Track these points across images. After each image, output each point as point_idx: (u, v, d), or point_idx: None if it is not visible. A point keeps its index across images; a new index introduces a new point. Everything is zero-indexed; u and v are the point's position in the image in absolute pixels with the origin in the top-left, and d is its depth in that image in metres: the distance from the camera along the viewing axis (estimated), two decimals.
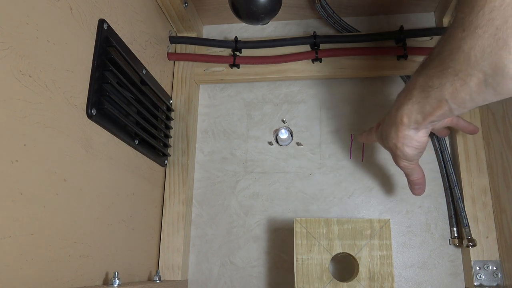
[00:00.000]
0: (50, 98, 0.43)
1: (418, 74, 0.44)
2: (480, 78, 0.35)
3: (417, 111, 0.45)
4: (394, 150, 0.53)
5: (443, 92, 0.39)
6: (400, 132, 0.49)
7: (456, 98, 0.38)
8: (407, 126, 0.48)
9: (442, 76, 0.39)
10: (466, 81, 0.36)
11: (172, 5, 0.74)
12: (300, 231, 0.60)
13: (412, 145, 0.51)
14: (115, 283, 0.51)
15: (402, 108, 0.46)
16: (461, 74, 0.36)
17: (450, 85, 0.38)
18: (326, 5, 0.79)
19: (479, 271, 0.66)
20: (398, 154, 0.54)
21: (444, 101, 0.40)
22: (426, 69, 0.42)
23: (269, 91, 0.83)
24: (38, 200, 0.41)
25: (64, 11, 0.46)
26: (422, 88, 0.43)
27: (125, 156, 0.61)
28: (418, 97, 0.44)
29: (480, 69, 0.34)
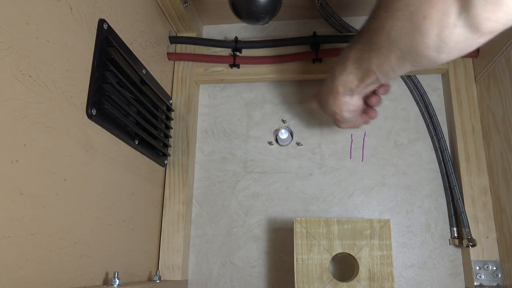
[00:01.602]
0: (50, 98, 0.43)
1: (351, 48, 0.49)
2: (398, 54, 0.40)
3: (351, 80, 0.51)
4: (334, 115, 0.59)
5: (371, 64, 0.46)
6: (338, 100, 0.55)
7: (381, 69, 0.45)
8: (343, 94, 0.54)
9: (369, 51, 0.45)
10: (388, 56, 0.42)
11: (172, 5, 0.74)
12: (300, 231, 0.60)
13: (349, 109, 0.57)
14: (115, 283, 0.51)
15: (339, 79, 0.52)
16: (383, 49, 0.42)
17: (375, 59, 0.44)
18: (326, 5, 0.79)
19: (479, 271, 0.66)
20: (338, 119, 0.60)
21: (372, 71, 0.46)
22: (357, 43, 0.48)
23: (269, 91, 0.83)
24: (38, 200, 0.41)
25: (64, 11, 0.46)
26: (355, 60, 0.49)
27: (125, 156, 0.61)
28: (351, 68, 0.50)
29: (398, 47, 0.39)
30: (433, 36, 0.35)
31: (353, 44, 0.49)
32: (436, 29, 0.34)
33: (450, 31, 0.34)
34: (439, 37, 0.35)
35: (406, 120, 0.78)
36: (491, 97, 0.68)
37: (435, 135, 0.75)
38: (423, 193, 0.74)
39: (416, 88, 0.78)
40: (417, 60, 0.39)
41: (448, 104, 0.76)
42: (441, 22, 0.34)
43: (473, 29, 0.33)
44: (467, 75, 0.75)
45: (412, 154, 0.76)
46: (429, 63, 0.39)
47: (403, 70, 0.43)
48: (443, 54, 0.36)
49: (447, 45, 0.35)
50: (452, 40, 0.34)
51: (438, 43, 0.35)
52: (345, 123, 0.61)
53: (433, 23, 0.34)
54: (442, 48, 0.35)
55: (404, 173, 0.75)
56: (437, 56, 0.37)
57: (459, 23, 0.33)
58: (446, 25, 0.34)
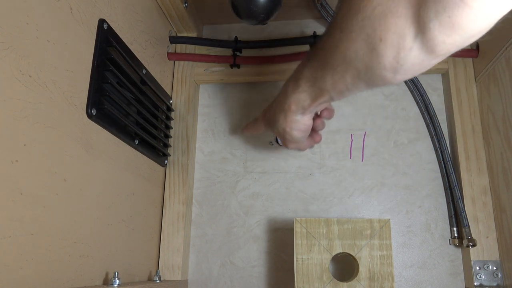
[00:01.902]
0: (50, 98, 0.43)
1: (304, 66, 0.49)
2: (354, 73, 0.40)
3: (303, 98, 0.50)
4: (283, 134, 0.58)
5: (325, 83, 0.45)
6: (289, 117, 0.54)
7: (335, 88, 0.44)
8: (294, 112, 0.53)
9: (323, 69, 0.44)
10: (343, 75, 0.41)
11: (172, 5, 0.74)
12: (300, 231, 0.60)
13: (299, 128, 0.55)
14: (115, 283, 0.51)
15: (291, 97, 0.51)
16: (338, 68, 0.41)
17: (330, 77, 0.43)
18: (326, 5, 0.79)
19: (479, 271, 0.66)
20: (287, 138, 0.58)
21: (326, 90, 0.46)
22: (311, 62, 0.47)
23: (269, 91, 0.83)
24: (38, 200, 0.41)
25: (64, 11, 0.46)
26: (308, 79, 0.48)
27: (125, 156, 0.61)
28: (304, 87, 0.49)
29: (354, 67, 0.39)
30: (389, 58, 0.35)
31: (307, 62, 0.48)
32: (393, 51, 0.34)
33: (406, 53, 0.34)
34: (396, 59, 0.35)
35: (406, 120, 0.78)
36: (491, 97, 0.68)
37: (435, 135, 0.75)
38: (423, 193, 0.74)
39: (416, 88, 0.78)
40: (373, 80, 0.39)
41: (448, 104, 0.76)
42: (397, 44, 0.34)
43: (429, 51, 0.33)
44: (467, 75, 0.75)
45: (412, 154, 0.76)
46: (384, 83, 0.39)
47: (358, 89, 0.43)
48: (399, 75, 0.36)
49: (403, 67, 0.35)
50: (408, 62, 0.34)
51: (394, 64, 0.35)
52: (293, 143, 0.60)
53: (389, 45, 0.34)
54: (398, 70, 0.36)
55: (404, 173, 0.75)
56: (393, 77, 0.37)
57: (415, 45, 0.33)
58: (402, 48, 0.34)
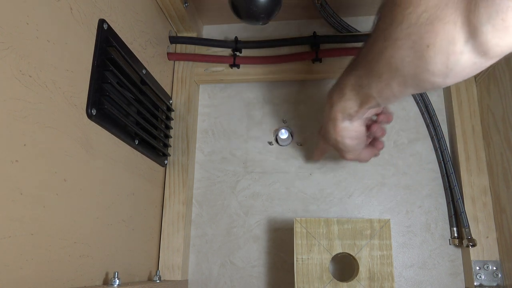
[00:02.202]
0: (50, 98, 0.43)
1: (348, 74, 0.49)
2: (401, 80, 0.40)
3: (349, 106, 0.50)
4: (336, 144, 0.57)
5: (371, 90, 0.45)
6: (337, 127, 0.54)
7: (382, 95, 0.44)
8: (341, 120, 0.53)
9: (369, 77, 0.44)
10: (389, 82, 0.41)
11: (172, 5, 0.74)
12: (300, 231, 0.60)
13: (351, 135, 0.55)
14: (115, 283, 0.51)
15: (336, 105, 0.52)
16: (384, 76, 0.41)
17: (375, 85, 0.43)
18: (326, 5, 0.79)
19: (479, 271, 0.66)
20: (340, 148, 0.58)
21: (372, 97, 0.46)
22: (355, 70, 0.47)
23: (269, 91, 0.83)
24: (38, 200, 0.41)
25: (64, 11, 0.46)
26: (353, 87, 0.48)
27: (125, 156, 0.61)
28: (349, 95, 0.49)
29: (400, 74, 0.39)
30: (438, 64, 0.34)
31: (350, 70, 0.48)
32: (442, 57, 0.34)
33: (457, 58, 0.33)
34: (445, 65, 0.34)
35: (406, 120, 0.78)
36: (491, 97, 0.68)
37: (435, 135, 0.75)
38: (423, 193, 0.74)
39: None
40: (421, 86, 0.39)
41: (448, 104, 0.76)
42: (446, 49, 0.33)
43: (482, 55, 0.32)
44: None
45: (412, 154, 0.76)
46: (433, 88, 0.38)
47: (405, 94, 0.42)
48: (449, 79, 0.36)
49: (453, 71, 0.34)
50: (459, 66, 0.34)
51: (443, 70, 0.35)
52: (349, 152, 0.58)
53: (437, 51, 0.34)
54: (448, 74, 0.35)
55: (404, 173, 0.75)
56: (442, 81, 0.36)
57: (466, 49, 0.32)
58: (452, 53, 0.33)
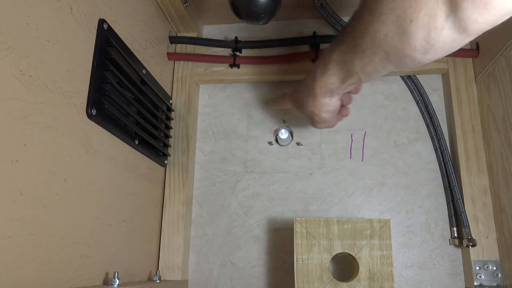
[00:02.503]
0: (50, 98, 0.43)
1: (333, 49, 0.50)
2: (383, 55, 0.41)
3: (332, 81, 0.51)
4: (311, 116, 0.60)
5: (354, 66, 0.46)
6: (317, 101, 0.56)
7: (364, 71, 0.45)
8: (323, 95, 0.55)
9: (353, 52, 0.45)
10: (372, 57, 0.42)
11: (172, 5, 0.74)
12: (300, 231, 0.60)
13: (328, 109, 0.57)
14: (115, 283, 0.51)
15: (319, 80, 0.53)
16: (367, 52, 0.42)
17: (359, 61, 0.45)
18: (326, 5, 0.79)
19: (479, 271, 0.66)
20: (315, 119, 0.60)
21: (354, 73, 0.47)
22: (340, 45, 0.48)
23: (269, 91, 0.83)
24: (38, 200, 0.41)
25: (64, 11, 0.46)
26: (337, 62, 0.49)
27: (125, 156, 0.61)
28: (333, 70, 0.50)
29: (383, 49, 0.40)
30: (419, 39, 0.35)
31: (335, 46, 0.49)
32: (423, 32, 0.35)
33: (438, 34, 0.34)
34: (426, 40, 0.35)
35: (406, 120, 0.78)
36: (491, 97, 0.68)
37: (435, 135, 0.75)
38: (423, 193, 0.74)
39: (416, 88, 0.78)
40: (402, 61, 0.40)
41: (448, 104, 0.76)
42: (428, 25, 0.34)
43: (461, 31, 0.33)
44: (467, 75, 0.75)
45: (412, 154, 0.76)
46: (414, 64, 0.39)
47: (386, 70, 0.44)
48: (429, 55, 0.37)
49: (434, 47, 0.36)
50: (439, 41, 0.35)
51: (425, 45, 0.36)
52: (322, 123, 0.62)
53: (420, 26, 0.35)
54: (428, 50, 0.36)
55: (404, 173, 0.75)
56: (423, 57, 0.37)
57: (447, 25, 0.34)
58: (433, 28, 0.34)
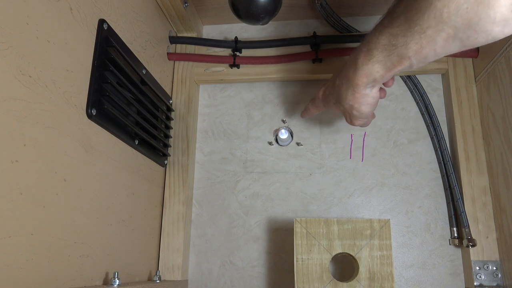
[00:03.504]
0: (50, 98, 0.43)
1: (379, 33, 0.44)
2: (450, 33, 0.36)
3: (377, 69, 0.46)
4: (350, 111, 0.55)
5: (407, 49, 0.41)
6: (358, 93, 0.51)
7: (420, 54, 0.40)
8: (364, 86, 0.49)
9: (407, 34, 0.40)
10: (434, 37, 0.38)
11: (172, 5, 0.74)
12: (300, 231, 0.60)
13: (369, 102, 0.52)
14: (115, 283, 0.51)
15: (362, 69, 0.48)
16: (429, 31, 0.38)
17: (415, 43, 0.40)
18: (326, 5, 0.79)
19: (479, 271, 0.66)
20: (354, 114, 0.55)
21: (407, 58, 0.42)
22: (388, 28, 0.43)
23: (269, 91, 0.83)
24: (38, 200, 0.41)
25: (64, 11, 0.46)
26: (385, 48, 0.44)
27: (125, 156, 0.61)
28: (379, 56, 0.45)
29: (452, 25, 0.35)
30: (503, 7, 0.32)
31: (382, 29, 0.44)
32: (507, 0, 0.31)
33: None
34: (510, 8, 0.31)
35: (406, 120, 0.78)
36: (491, 97, 0.68)
37: (435, 135, 0.75)
38: (423, 193, 0.74)
39: (416, 88, 0.78)
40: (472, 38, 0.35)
41: (448, 104, 0.76)
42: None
43: None
44: (467, 75, 0.75)
45: (412, 154, 0.76)
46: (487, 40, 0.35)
47: (447, 52, 0.39)
48: (508, 28, 0.33)
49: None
50: None
51: (507, 15, 0.32)
52: (361, 119, 0.57)
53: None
54: (509, 21, 0.32)
55: (404, 173, 0.75)
56: (500, 31, 0.33)
57: None
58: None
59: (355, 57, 0.49)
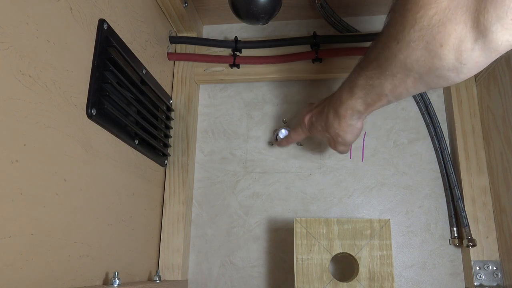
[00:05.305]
0: (50, 98, 0.43)
1: (358, 74, 0.50)
2: (416, 77, 0.42)
3: (360, 104, 0.52)
4: (335, 137, 0.60)
5: (383, 89, 0.47)
6: (344, 123, 0.56)
7: (395, 92, 0.46)
8: (350, 118, 0.55)
9: (381, 77, 0.46)
10: (404, 79, 0.43)
11: (172, 5, 0.74)
12: (300, 231, 0.60)
13: (353, 132, 0.58)
14: (115, 283, 0.51)
15: (347, 103, 0.53)
16: (398, 75, 0.43)
17: (389, 83, 0.45)
18: (326, 5, 0.79)
19: (479, 271, 0.66)
20: (339, 141, 0.61)
21: (384, 95, 0.48)
22: (365, 71, 0.48)
23: (269, 91, 0.83)
24: (38, 200, 0.41)
25: (64, 11, 0.46)
26: (363, 87, 0.50)
27: (125, 156, 0.61)
28: (360, 94, 0.51)
29: (416, 71, 0.41)
30: (452, 60, 0.36)
31: (360, 71, 0.50)
32: (455, 54, 0.36)
33: (469, 54, 0.35)
34: (458, 60, 0.36)
35: (406, 120, 0.78)
36: (491, 97, 0.68)
37: (435, 135, 0.75)
38: (423, 193, 0.74)
39: None
40: (435, 81, 0.41)
41: (448, 104, 0.76)
42: (458, 47, 0.35)
43: (492, 50, 0.34)
44: None
45: (412, 154, 0.76)
46: (448, 83, 0.40)
47: (418, 91, 0.44)
48: (463, 74, 0.38)
49: (466, 66, 0.36)
50: (471, 61, 0.36)
51: (457, 65, 0.37)
52: (344, 146, 0.62)
53: (450, 49, 0.36)
54: (461, 69, 0.37)
55: (404, 173, 0.75)
56: (456, 76, 0.38)
57: (477, 47, 0.35)
58: (464, 50, 0.35)
59: (340, 91, 0.55)
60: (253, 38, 0.82)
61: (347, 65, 0.77)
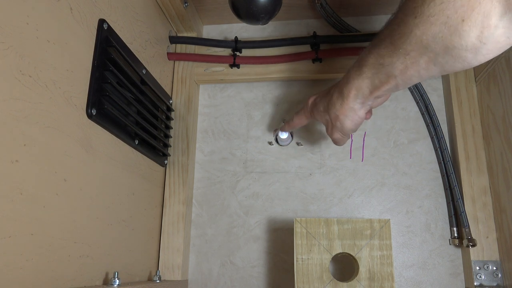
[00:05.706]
0: (50, 98, 0.43)
1: (369, 52, 0.48)
2: (431, 57, 0.39)
3: (366, 85, 0.49)
4: (334, 121, 0.57)
5: (393, 68, 0.44)
6: (346, 105, 0.53)
7: (405, 74, 0.43)
8: (353, 99, 0.52)
9: (393, 55, 0.43)
10: (417, 59, 0.41)
11: (172, 5, 0.74)
12: (300, 231, 0.60)
13: (353, 119, 0.55)
14: (115, 283, 0.51)
15: (353, 82, 0.51)
16: (412, 53, 0.41)
17: (400, 63, 0.43)
18: (326, 5, 0.79)
19: (479, 271, 0.66)
20: (336, 125, 0.58)
21: (393, 77, 0.45)
22: (376, 48, 0.46)
23: (269, 91, 0.83)
24: (38, 200, 0.41)
25: (64, 11, 0.46)
26: (373, 66, 0.47)
27: (125, 156, 0.61)
28: (368, 73, 0.48)
29: (432, 50, 0.39)
30: (472, 38, 0.35)
31: (371, 48, 0.47)
32: (476, 31, 0.34)
33: (491, 32, 0.34)
34: (479, 38, 0.34)
35: (406, 120, 0.78)
36: (491, 97, 0.68)
37: (435, 135, 0.75)
38: (423, 193, 0.74)
39: (416, 88, 0.78)
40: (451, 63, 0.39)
41: (448, 104, 0.76)
42: (481, 23, 0.33)
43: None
44: (467, 75, 0.75)
45: (412, 154, 0.76)
46: (463, 65, 0.38)
47: (429, 75, 0.42)
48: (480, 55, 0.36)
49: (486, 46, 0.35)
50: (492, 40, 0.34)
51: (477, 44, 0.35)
52: (340, 133, 0.59)
53: (472, 25, 0.34)
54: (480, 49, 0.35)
55: (404, 173, 0.75)
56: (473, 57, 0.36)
57: (501, 23, 0.33)
58: (487, 26, 0.33)
59: (349, 71, 0.52)
60: (253, 38, 0.82)
61: (347, 65, 0.76)
